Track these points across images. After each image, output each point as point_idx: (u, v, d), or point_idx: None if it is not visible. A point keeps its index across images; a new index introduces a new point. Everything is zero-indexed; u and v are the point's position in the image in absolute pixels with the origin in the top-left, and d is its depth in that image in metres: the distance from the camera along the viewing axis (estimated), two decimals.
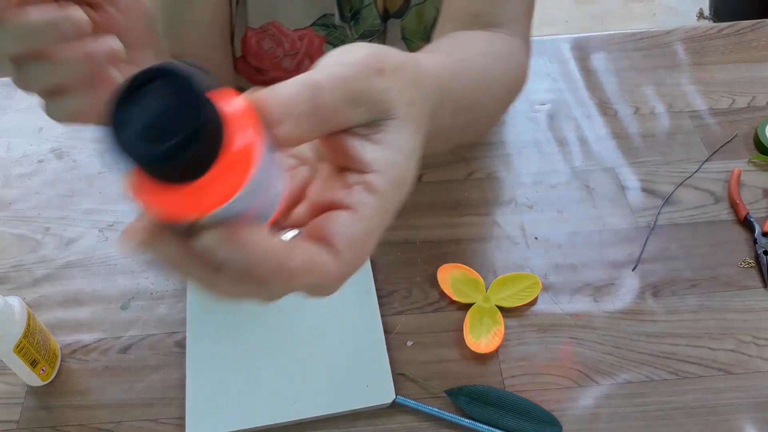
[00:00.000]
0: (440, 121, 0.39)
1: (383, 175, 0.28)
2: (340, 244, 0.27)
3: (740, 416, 0.62)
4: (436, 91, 0.35)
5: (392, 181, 0.29)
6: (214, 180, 0.24)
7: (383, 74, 0.29)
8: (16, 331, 0.61)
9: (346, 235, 0.27)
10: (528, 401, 0.63)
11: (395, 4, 0.73)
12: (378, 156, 0.29)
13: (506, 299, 0.70)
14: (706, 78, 0.92)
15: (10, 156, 0.87)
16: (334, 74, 0.28)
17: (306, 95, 0.27)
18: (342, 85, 0.28)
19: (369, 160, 0.28)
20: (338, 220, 0.27)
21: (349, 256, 0.27)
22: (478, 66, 0.49)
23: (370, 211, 0.28)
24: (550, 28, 2.24)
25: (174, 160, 0.22)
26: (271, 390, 0.64)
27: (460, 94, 0.43)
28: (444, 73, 0.39)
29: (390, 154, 0.29)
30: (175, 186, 0.24)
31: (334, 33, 0.74)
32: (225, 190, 0.24)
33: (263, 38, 0.73)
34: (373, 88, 0.29)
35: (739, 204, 0.77)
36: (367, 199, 0.28)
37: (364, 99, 0.29)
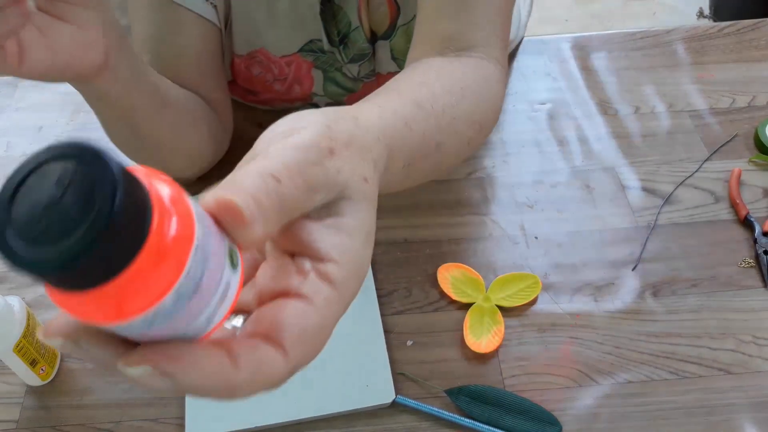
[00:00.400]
0: (392, 177, 0.37)
1: (340, 266, 0.27)
2: (290, 340, 0.25)
3: (740, 416, 0.62)
4: (384, 150, 0.34)
5: (349, 270, 0.27)
6: (136, 279, 0.20)
7: (334, 154, 0.28)
8: (16, 330, 0.61)
9: (298, 328, 0.25)
10: (528, 401, 0.63)
11: (382, 26, 0.72)
12: (335, 243, 0.27)
13: (506, 299, 0.70)
14: (707, 77, 0.92)
15: (10, 155, 0.87)
16: (289, 162, 0.26)
17: (268, 188, 0.25)
18: (299, 173, 0.26)
19: (325, 248, 0.27)
20: (290, 311, 0.25)
21: (300, 353, 0.25)
22: (440, 106, 0.47)
23: (326, 302, 0.26)
24: (550, 27, 2.24)
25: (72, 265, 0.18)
26: None
27: (415, 144, 0.41)
28: (395, 128, 0.38)
29: (347, 240, 0.27)
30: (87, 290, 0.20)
31: (321, 58, 0.73)
32: (151, 291, 0.20)
33: (251, 64, 0.73)
34: (328, 171, 0.27)
35: (740, 204, 0.77)
36: (322, 289, 0.26)
37: (321, 184, 0.27)
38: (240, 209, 0.24)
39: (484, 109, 0.54)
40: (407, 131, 0.40)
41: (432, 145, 0.45)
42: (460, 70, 0.54)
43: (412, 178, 0.44)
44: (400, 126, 0.39)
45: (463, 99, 0.50)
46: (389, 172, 0.36)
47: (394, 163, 0.37)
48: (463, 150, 0.52)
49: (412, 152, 0.41)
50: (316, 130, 0.28)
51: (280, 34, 0.70)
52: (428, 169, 0.46)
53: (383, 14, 0.71)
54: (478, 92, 0.53)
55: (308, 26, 0.70)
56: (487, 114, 0.55)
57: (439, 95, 0.48)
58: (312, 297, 0.26)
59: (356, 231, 0.28)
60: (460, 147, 0.51)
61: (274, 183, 0.25)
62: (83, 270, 0.19)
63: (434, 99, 0.47)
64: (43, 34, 0.47)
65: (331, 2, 0.69)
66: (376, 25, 0.72)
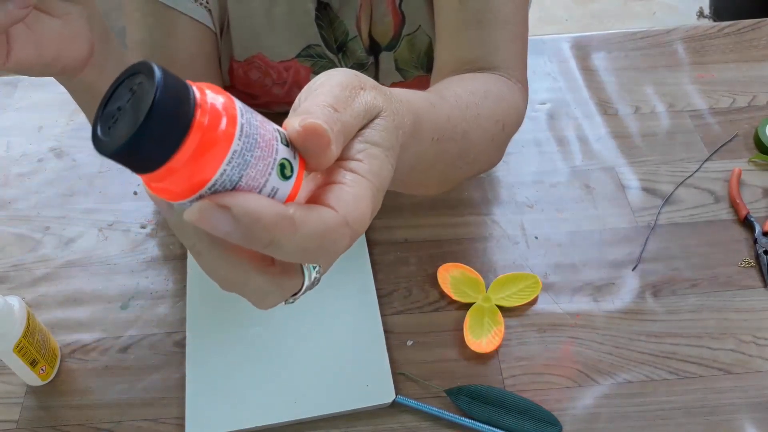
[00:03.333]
0: (422, 147, 0.40)
1: (366, 163, 0.30)
2: (335, 203, 0.28)
3: (740, 416, 0.62)
4: (408, 113, 0.37)
5: (373, 169, 0.31)
6: (186, 161, 0.24)
7: (364, 89, 0.33)
8: (16, 330, 0.61)
9: (337, 196, 0.29)
10: (528, 401, 0.63)
11: (386, 37, 0.72)
12: (359, 148, 0.31)
13: (506, 299, 0.70)
14: (707, 77, 0.92)
15: (10, 155, 0.87)
16: (338, 96, 0.31)
17: (333, 117, 0.29)
18: (349, 103, 0.31)
19: (352, 152, 0.31)
20: (330, 189, 0.29)
21: (346, 211, 0.28)
22: (464, 101, 0.49)
23: (356, 183, 0.30)
24: (550, 27, 2.24)
25: (131, 146, 0.23)
26: (271, 390, 0.64)
27: (442, 122, 0.44)
28: (419, 101, 0.41)
29: (370, 147, 0.31)
30: (155, 172, 0.25)
31: (320, 63, 0.73)
32: (205, 169, 0.25)
33: (249, 69, 0.73)
34: (366, 98, 0.32)
35: (740, 203, 0.77)
36: (351, 176, 0.30)
37: (364, 110, 0.32)
38: (327, 133, 0.28)
39: (505, 109, 0.56)
40: (432, 108, 0.43)
41: (458, 131, 0.47)
42: (482, 79, 0.57)
43: (441, 161, 0.46)
44: (424, 103, 0.42)
45: (486, 99, 0.53)
46: (419, 140, 0.39)
47: (423, 131, 0.40)
48: (488, 146, 0.55)
49: (439, 128, 0.43)
50: (347, 74, 0.33)
51: (277, 39, 0.70)
52: (456, 154, 0.48)
53: (387, 24, 0.71)
54: (500, 95, 0.56)
55: (305, 31, 0.70)
56: (509, 114, 0.57)
57: (463, 95, 0.50)
58: (341, 180, 0.29)
59: (379, 142, 0.32)
60: (485, 141, 0.53)
61: (335, 113, 0.29)
62: (142, 151, 0.24)
63: (457, 96, 0.49)
64: (30, 28, 0.47)
65: (328, 9, 0.69)
66: (380, 36, 0.72)
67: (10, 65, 0.47)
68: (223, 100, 0.26)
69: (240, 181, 0.26)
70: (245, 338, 0.67)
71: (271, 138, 0.27)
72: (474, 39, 0.60)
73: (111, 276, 0.74)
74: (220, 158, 0.25)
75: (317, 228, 0.27)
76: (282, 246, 0.27)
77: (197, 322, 0.69)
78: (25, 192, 0.82)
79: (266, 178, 0.27)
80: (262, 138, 0.26)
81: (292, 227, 0.26)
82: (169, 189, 0.25)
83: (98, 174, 0.84)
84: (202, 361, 0.66)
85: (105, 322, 0.71)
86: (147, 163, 0.24)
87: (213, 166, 0.25)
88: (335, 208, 0.28)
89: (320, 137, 0.28)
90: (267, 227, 0.26)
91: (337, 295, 0.70)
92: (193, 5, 0.64)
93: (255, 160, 0.26)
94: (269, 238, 0.26)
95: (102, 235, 0.78)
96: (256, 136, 0.26)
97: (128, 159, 0.24)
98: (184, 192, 0.25)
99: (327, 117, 0.29)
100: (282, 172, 0.27)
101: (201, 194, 0.25)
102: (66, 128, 0.89)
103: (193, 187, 0.25)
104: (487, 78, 0.58)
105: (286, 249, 0.27)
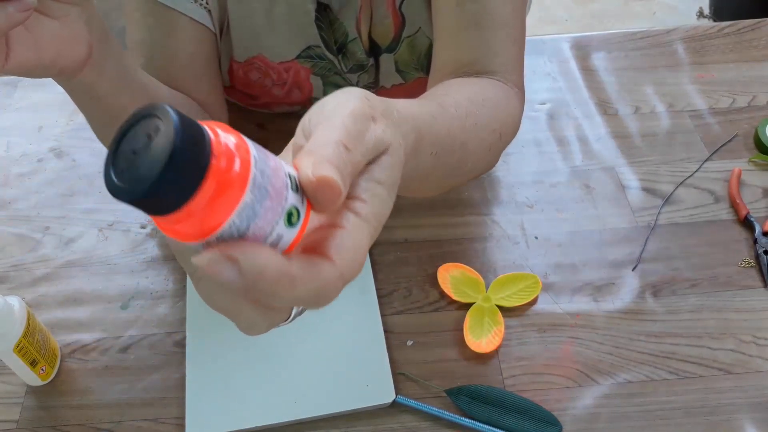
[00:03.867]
0: (420, 161, 0.41)
1: (368, 204, 0.31)
2: (334, 253, 0.29)
3: (740, 416, 0.62)
4: (412, 131, 0.38)
5: (375, 209, 0.31)
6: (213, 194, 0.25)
7: (376, 121, 0.32)
8: (16, 330, 0.61)
9: (338, 245, 0.29)
10: (528, 401, 0.63)
11: (386, 39, 0.72)
12: (365, 187, 0.31)
13: (506, 299, 0.70)
14: (707, 77, 0.92)
15: (10, 155, 0.87)
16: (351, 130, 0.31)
17: (344, 159, 0.29)
18: (360, 139, 0.31)
19: (356, 191, 0.31)
20: (329, 234, 0.29)
21: (344, 263, 0.29)
22: (463, 110, 0.49)
23: (355, 227, 0.30)
24: (549, 27, 2.24)
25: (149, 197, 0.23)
26: (271, 390, 0.64)
27: (442, 136, 0.44)
28: (422, 116, 0.41)
29: (375, 186, 0.32)
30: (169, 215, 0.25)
31: (320, 64, 0.73)
32: (216, 216, 0.25)
33: (249, 70, 0.73)
34: (376, 134, 0.32)
35: (740, 203, 0.77)
36: (351, 218, 0.30)
37: (371, 145, 0.32)
38: (340, 187, 0.28)
39: (503, 118, 0.57)
40: (433, 122, 0.43)
41: (457, 143, 0.47)
42: (480, 85, 0.57)
43: (439, 171, 0.46)
44: (427, 117, 0.42)
45: (484, 107, 0.53)
46: (419, 156, 0.40)
47: (423, 147, 0.40)
48: (485, 155, 0.55)
49: (439, 142, 0.43)
50: (359, 101, 0.33)
51: (277, 40, 0.70)
52: (453, 165, 0.48)
53: (387, 26, 0.71)
54: (497, 103, 0.56)
55: (306, 32, 0.70)
56: (506, 123, 0.58)
57: (462, 103, 0.50)
58: (344, 224, 0.30)
59: (384, 179, 0.32)
60: (482, 151, 0.53)
61: (346, 152, 0.29)
62: (159, 196, 0.24)
63: (457, 105, 0.49)
64: (29, 30, 0.47)
65: (328, 11, 0.69)
66: (380, 38, 0.72)
67: (9, 67, 0.47)
68: (235, 140, 0.26)
69: (248, 231, 0.26)
70: (245, 338, 0.67)
71: (282, 186, 0.27)
72: (472, 42, 0.60)
73: (111, 276, 0.74)
74: (231, 207, 0.25)
75: (315, 285, 0.28)
76: (281, 298, 0.28)
77: (197, 322, 0.69)
78: (25, 192, 0.82)
79: (273, 226, 0.27)
80: (273, 188, 0.27)
81: (293, 284, 0.27)
82: (179, 231, 0.26)
83: (98, 174, 0.84)
84: (202, 361, 0.66)
85: (105, 322, 0.71)
86: (162, 207, 0.25)
87: (224, 214, 0.25)
88: (334, 259, 0.29)
89: (333, 190, 0.28)
90: (269, 283, 0.27)
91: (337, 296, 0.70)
92: (192, 5, 0.64)
93: (264, 211, 0.26)
94: (270, 291, 0.27)
95: (102, 235, 0.78)
96: (268, 187, 0.26)
97: (145, 205, 0.24)
98: (193, 236, 0.26)
99: (339, 160, 0.29)
100: (289, 219, 0.28)
101: (209, 241, 0.26)
102: (66, 128, 0.89)
103: (203, 233, 0.26)
104: (485, 84, 0.58)
105: (284, 300, 0.28)
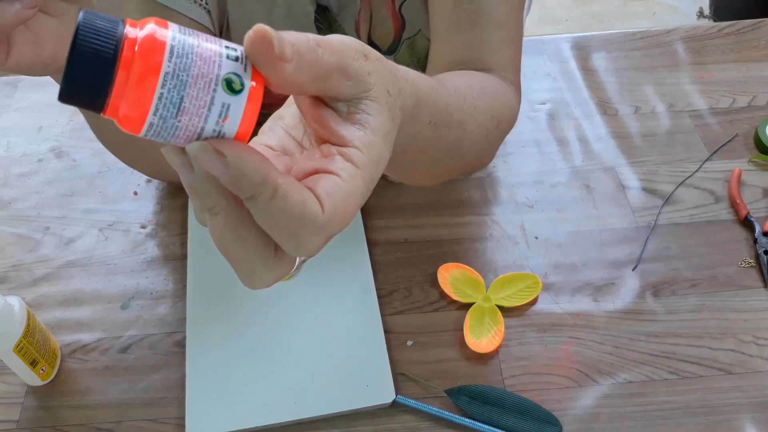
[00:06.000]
0: (419, 129, 0.40)
1: (362, 152, 0.30)
2: (325, 199, 0.28)
3: (740, 416, 0.62)
4: (411, 95, 0.37)
5: (370, 157, 0.31)
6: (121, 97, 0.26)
7: (367, 59, 0.32)
8: (16, 330, 0.61)
9: (329, 192, 0.29)
10: (528, 401, 0.63)
11: (386, 41, 0.72)
12: (358, 134, 0.31)
13: (506, 299, 0.70)
14: (707, 77, 0.92)
15: (10, 155, 0.87)
16: (333, 43, 0.30)
17: (309, 45, 0.29)
18: (338, 55, 0.30)
19: (350, 137, 0.31)
20: (322, 180, 0.29)
21: (333, 212, 0.29)
22: (462, 95, 0.50)
23: (350, 176, 0.30)
24: (550, 27, 2.24)
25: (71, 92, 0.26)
26: (271, 390, 0.64)
27: (440, 108, 0.44)
28: (422, 85, 0.41)
29: (369, 134, 0.31)
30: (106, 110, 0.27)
31: None
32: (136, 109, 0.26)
33: None
34: (360, 67, 0.31)
35: (740, 204, 0.77)
36: (346, 166, 0.30)
37: (353, 74, 0.31)
38: (271, 39, 0.27)
39: (500, 107, 0.57)
40: (433, 92, 0.43)
41: (455, 120, 0.47)
42: (479, 76, 0.57)
43: (436, 146, 0.46)
44: (428, 86, 0.41)
45: (483, 95, 0.53)
46: (417, 122, 0.40)
47: (422, 114, 0.40)
48: (481, 141, 0.54)
49: (438, 112, 0.43)
50: (358, 41, 0.33)
51: None
52: (451, 142, 0.48)
53: (387, 29, 0.71)
54: (495, 92, 0.56)
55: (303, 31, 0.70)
56: (504, 113, 0.57)
57: (461, 88, 0.50)
58: (338, 172, 0.29)
59: (377, 128, 0.32)
60: (479, 136, 0.53)
61: (315, 46, 0.29)
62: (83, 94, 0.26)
63: (457, 88, 0.49)
64: (29, 28, 0.47)
65: (327, 12, 0.69)
66: (380, 40, 0.72)
67: (9, 65, 0.47)
68: (154, 27, 0.27)
69: (183, 102, 0.27)
70: (245, 338, 0.67)
71: (212, 55, 0.28)
72: (468, 41, 0.60)
73: (111, 276, 0.74)
74: (153, 85, 0.26)
75: (297, 210, 0.28)
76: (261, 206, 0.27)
77: (197, 322, 0.69)
78: (25, 192, 0.82)
79: (211, 94, 0.27)
80: (200, 56, 0.27)
81: (274, 193, 0.27)
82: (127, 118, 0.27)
83: (98, 174, 0.84)
84: (202, 361, 0.66)
85: (105, 322, 0.71)
86: (92, 102, 0.26)
87: (149, 93, 0.26)
88: (323, 204, 0.28)
89: (266, 43, 0.27)
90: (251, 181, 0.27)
91: (337, 295, 0.70)
92: (192, 6, 0.64)
93: (193, 79, 0.27)
94: (250, 193, 0.27)
95: (102, 235, 0.78)
96: (192, 55, 0.27)
97: (76, 102, 0.26)
98: (139, 121, 0.27)
99: (299, 39, 0.28)
100: (230, 86, 0.28)
101: (150, 121, 0.27)
102: (66, 128, 0.89)
103: (142, 116, 0.27)
104: (483, 76, 0.58)
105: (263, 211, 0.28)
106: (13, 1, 0.43)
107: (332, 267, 0.72)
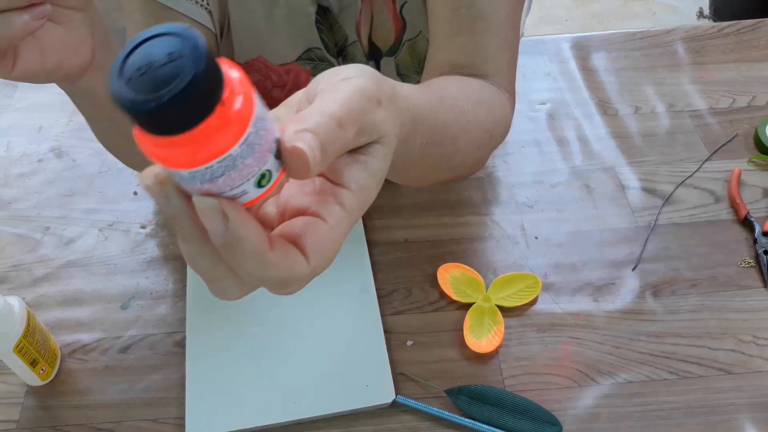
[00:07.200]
0: (410, 148, 0.41)
1: (354, 195, 0.31)
2: (311, 250, 0.30)
3: (740, 416, 0.62)
4: (410, 120, 0.38)
5: (360, 201, 0.31)
6: (209, 133, 0.25)
7: (381, 105, 0.32)
8: (16, 330, 0.61)
9: (316, 242, 0.30)
10: (528, 401, 0.63)
11: (387, 43, 0.72)
12: (357, 177, 0.31)
13: (506, 299, 0.70)
14: (707, 77, 0.92)
15: (10, 155, 0.87)
16: (353, 108, 0.30)
17: (334, 135, 0.29)
18: (357, 120, 0.31)
19: (347, 179, 0.31)
20: (311, 227, 0.30)
21: (317, 261, 0.30)
22: (459, 107, 0.50)
23: (337, 222, 0.30)
24: (549, 27, 2.24)
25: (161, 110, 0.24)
26: (271, 390, 0.64)
27: (436, 127, 0.44)
28: (422, 105, 0.41)
29: (367, 177, 0.32)
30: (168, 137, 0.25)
31: (320, 66, 0.73)
32: (219, 144, 0.25)
33: (249, 72, 0.73)
34: (376, 119, 0.32)
35: (740, 204, 0.77)
36: (338, 212, 0.30)
37: (368, 129, 0.32)
38: (309, 160, 0.28)
39: (495, 120, 0.57)
40: (432, 113, 0.43)
41: (448, 136, 0.47)
42: (477, 84, 0.58)
43: (426, 162, 0.47)
44: (427, 107, 0.42)
45: (478, 107, 0.54)
46: (410, 143, 0.40)
47: (416, 136, 0.41)
48: (473, 154, 0.55)
49: (432, 132, 0.44)
50: (370, 81, 0.32)
51: (278, 42, 0.70)
52: (440, 158, 0.49)
53: (388, 30, 0.71)
54: (491, 105, 0.57)
55: (306, 35, 0.70)
56: (498, 125, 0.58)
57: (459, 99, 0.51)
58: (326, 217, 0.30)
59: (376, 172, 0.32)
60: (471, 149, 0.54)
61: (339, 129, 0.29)
62: (168, 117, 0.24)
63: (455, 100, 0.50)
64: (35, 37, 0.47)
65: (328, 13, 0.69)
66: (381, 42, 0.72)
67: (15, 74, 0.47)
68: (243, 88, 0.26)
69: (220, 177, 0.27)
70: (245, 338, 0.67)
71: (266, 150, 0.28)
72: (466, 46, 0.60)
73: (111, 276, 0.74)
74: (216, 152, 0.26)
75: (283, 275, 0.29)
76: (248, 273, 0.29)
77: (197, 322, 0.69)
78: (25, 192, 0.82)
79: (243, 181, 0.28)
80: (260, 149, 0.27)
81: (263, 265, 0.28)
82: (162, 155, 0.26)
83: (98, 174, 0.84)
84: (202, 361, 0.66)
85: (105, 322, 0.71)
86: (165, 126, 0.25)
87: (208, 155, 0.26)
88: (309, 256, 0.30)
89: (303, 163, 0.28)
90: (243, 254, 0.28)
91: (337, 295, 0.70)
92: (193, 6, 0.64)
93: (242, 167, 0.27)
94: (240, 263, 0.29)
95: (102, 235, 0.78)
96: (256, 146, 0.27)
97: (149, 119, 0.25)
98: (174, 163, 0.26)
99: (326, 134, 0.29)
100: (259, 181, 0.28)
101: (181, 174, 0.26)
102: (66, 128, 0.89)
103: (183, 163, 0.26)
104: (481, 85, 0.58)
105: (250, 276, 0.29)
106: (21, 13, 0.43)
107: (332, 267, 0.71)
